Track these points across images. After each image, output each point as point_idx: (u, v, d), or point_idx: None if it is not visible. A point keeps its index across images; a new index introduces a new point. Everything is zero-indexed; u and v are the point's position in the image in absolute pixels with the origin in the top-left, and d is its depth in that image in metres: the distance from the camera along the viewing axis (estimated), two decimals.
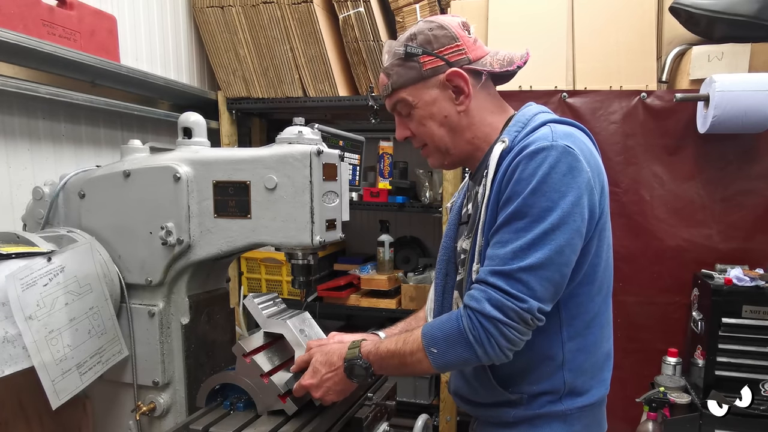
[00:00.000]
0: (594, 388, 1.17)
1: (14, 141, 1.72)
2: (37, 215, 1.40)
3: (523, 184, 1.02)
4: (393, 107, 1.23)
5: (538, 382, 1.14)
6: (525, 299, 0.99)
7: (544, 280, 1.01)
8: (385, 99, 1.24)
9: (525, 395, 1.15)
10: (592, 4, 2.21)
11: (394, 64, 1.18)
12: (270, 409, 1.18)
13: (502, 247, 1.03)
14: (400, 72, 1.17)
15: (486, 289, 1.02)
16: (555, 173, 1.01)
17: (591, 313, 1.14)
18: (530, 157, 1.03)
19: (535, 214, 1.01)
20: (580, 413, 1.16)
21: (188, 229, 1.25)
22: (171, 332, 1.32)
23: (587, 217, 1.04)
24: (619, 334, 2.13)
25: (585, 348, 1.15)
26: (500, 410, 1.17)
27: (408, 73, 1.16)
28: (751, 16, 1.95)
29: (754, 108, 1.85)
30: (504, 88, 2.21)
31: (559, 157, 1.02)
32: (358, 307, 2.63)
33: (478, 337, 1.01)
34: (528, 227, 1.01)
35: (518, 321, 1.00)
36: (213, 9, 2.43)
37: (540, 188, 1.01)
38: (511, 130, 1.14)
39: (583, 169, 1.03)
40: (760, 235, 2.04)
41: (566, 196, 1.01)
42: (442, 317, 1.10)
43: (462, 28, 1.17)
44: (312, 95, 2.46)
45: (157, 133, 2.36)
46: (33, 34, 1.62)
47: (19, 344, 1.09)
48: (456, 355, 1.04)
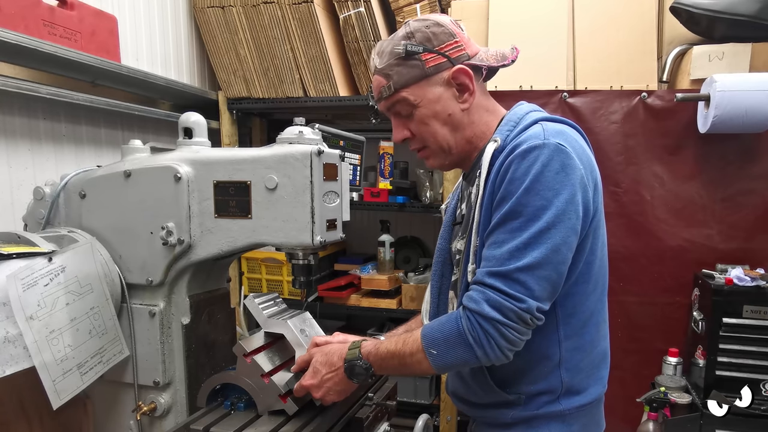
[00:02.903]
0: (591, 387, 1.17)
1: (15, 141, 1.72)
2: (37, 215, 1.40)
3: (516, 183, 1.02)
4: (390, 108, 1.20)
5: (536, 382, 1.14)
6: (523, 299, 0.99)
7: (542, 279, 1.01)
8: (383, 101, 1.19)
9: (523, 395, 1.14)
10: (593, 4, 2.21)
11: (392, 64, 1.15)
12: (270, 409, 1.18)
13: (498, 248, 1.03)
14: (401, 71, 1.14)
15: (484, 290, 1.02)
16: (548, 171, 1.01)
17: (587, 311, 1.14)
18: (522, 156, 1.03)
19: (529, 213, 1.01)
20: (578, 413, 1.16)
21: (189, 229, 1.25)
22: (172, 332, 1.32)
23: (582, 215, 1.04)
24: (619, 334, 2.16)
25: (581, 347, 1.15)
26: (498, 411, 1.17)
27: (410, 72, 1.14)
28: (752, 16, 1.95)
29: (754, 108, 1.85)
30: (504, 88, 2.24)
31: (551, 155, 1.01)
32: (359, 307, 2.63)
33: (477, 338, 1.01)
34: (523, 227, 1.01)
35: (517, 321, 1.00)
36: (213, 9, 2.43)
37: (534, 187, 1.01)
38: (503, 129, 1.13)
39: (576, 166, 1.03)
40: (760, 235, 2.04)
41: (560, 194, 1.01)
42: (441, 318, 1.10)
43: (455, 25, 1.17)
44: (312, 95, 2.46)
45: (157, 133, 2.36)
46: (34, 35, 1.62)
47: (20, 344, 1.09)
48: (456, 356, 1.04)
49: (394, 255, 2.72)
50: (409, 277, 2.63)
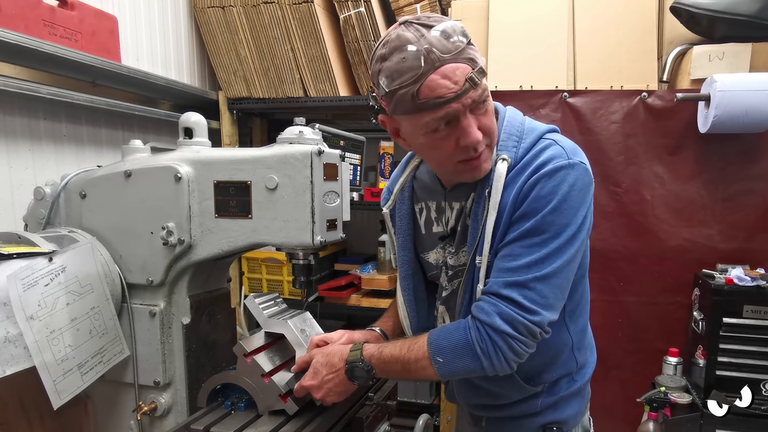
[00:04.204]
0: (590, 355, 1.30)
1: (15, 141, 1.72)
2: (38, 215, 1.40)
3: (542, 201, 1.03)
4: (478, 98, 1.00)
5: (557, 369, 1.21)
6: (537, 311, 1.02)
7: (555, 287, 1.04)
8: (471, 91, 0.97)
9: (546, 384, 1.20)
10: (593, 4, 2.21)
11: (473, 47, 0.98)
12: (271, 409, 1.18)
13: (514, 260, 1.04)
14: (477, 56, 0.99)
15: (497, 303, 1.03)
16: (574, 191, 1.03)
17: (580, 293, 1.21)
18: (550, 176, 1.04)
19: (553, 231, 1.03)
20: (587, 383, 1.28)
21: (189, 229, 1.25)
22: (172, 332, 1.32)
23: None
24: (619, 334, 2.16)
25: (584, 326, 1.26)
26: (527, 404, 1.22)
27: (481, 58, 1.01)
28: (752, 16, 1.95)
29: (754, 108, 1.85)
30: (504, 88, 2.23)
31: (577, 176, 1.04)
32: (359, 307, 2.62)
33: (485, 349, 1.03)
34: (544, 243, 1.03)
35: (527, 335, 1.02)
36: (214, 9, 2.43)
37: (560, 207, 1.03)
38: (508, 145, 1.09)
39: (592, 182, 1.08)
40: (761, 235, 2.04)
41: (579, 211, 1.05)
42: (448, 326, 1.11)
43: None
44: (313, 95, 2.46)
45: (158, 134, 2.36)
46: (34, 35, 1.62)
47: (21, 344, 1.09)
48: (462, 365, 1.05)
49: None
50: None
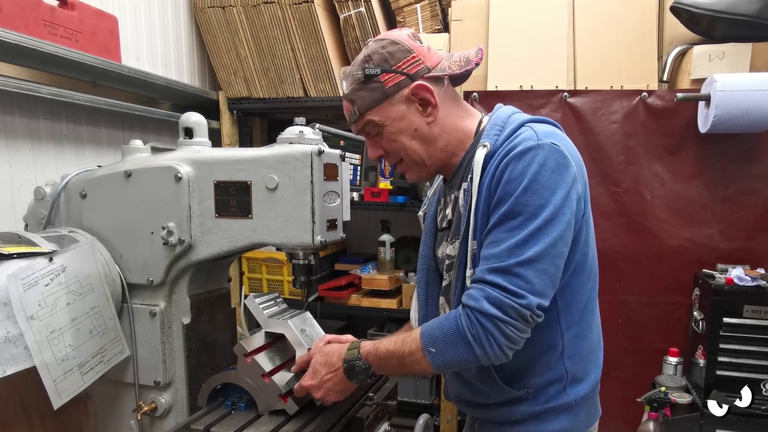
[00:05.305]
0: (592, 371, 1.22)
1: (16, 141, 1.72)
2: (38, 215, 1.40)
3: (513, 183, 1.04)
4: (361, 130, 1.22)
5: (542, 373, 1.16)
6: (524, 295, 1.00)
7: (541, 272, 1.02)
8: (352, 125, 1.23)
9: (531, 390, 1.17)
10: (593, 4, 2.21)
11: (355, 89, 1.17)
12: (271, 408, 1.18)
13: (497, 246, 1.04)
14: (363, 95, 1.16)
15: (484, 288, 1.03)
16: (544, 171, 1.03)
17: (584, 300, 1.18)
18: (518, 158, 1.05)
19: (528, 212, 1.03)
20: (583, 402, 1.20)
21: (189, 229, 1.25)
22: (172, 332, 1.32)
23: (575, 209, 1.07)
24: (620, 333, 2.16)
25: (581, 334, 1.19)
26: (509, 408, 1.19)
27: (372, 95, 1.15)
28: (752, 16, 1.95)
29: (755, 107, 1.85)
30: (504, 88, 2.23)
31: (547, 155, 1.04)
32: (359, 307, 2.63)
33: (476, 335, 1.01)
34: (522, 225, 1.03)
35: (517, 318, 1.01)
36: (214, 9, 2.43)
37: (531, 186, 1.03)
38: (490, 133, 1.14)
39: (570, 164, 1.06)
40: (761, 235, 2.04)
41: (556, 192, 1.03)
42: (440, 317, 1.11)
43: (413, 39, 1.17)
44: (313, 95, 2.47)
45: (158, 133, 2.36)
46: (34, 35, 1.62)
47: (21, 344, 1.09)
48: (454, 354, 1.04)
49: (394, 255, 2.72)
50: (409, 277, 2.63)
